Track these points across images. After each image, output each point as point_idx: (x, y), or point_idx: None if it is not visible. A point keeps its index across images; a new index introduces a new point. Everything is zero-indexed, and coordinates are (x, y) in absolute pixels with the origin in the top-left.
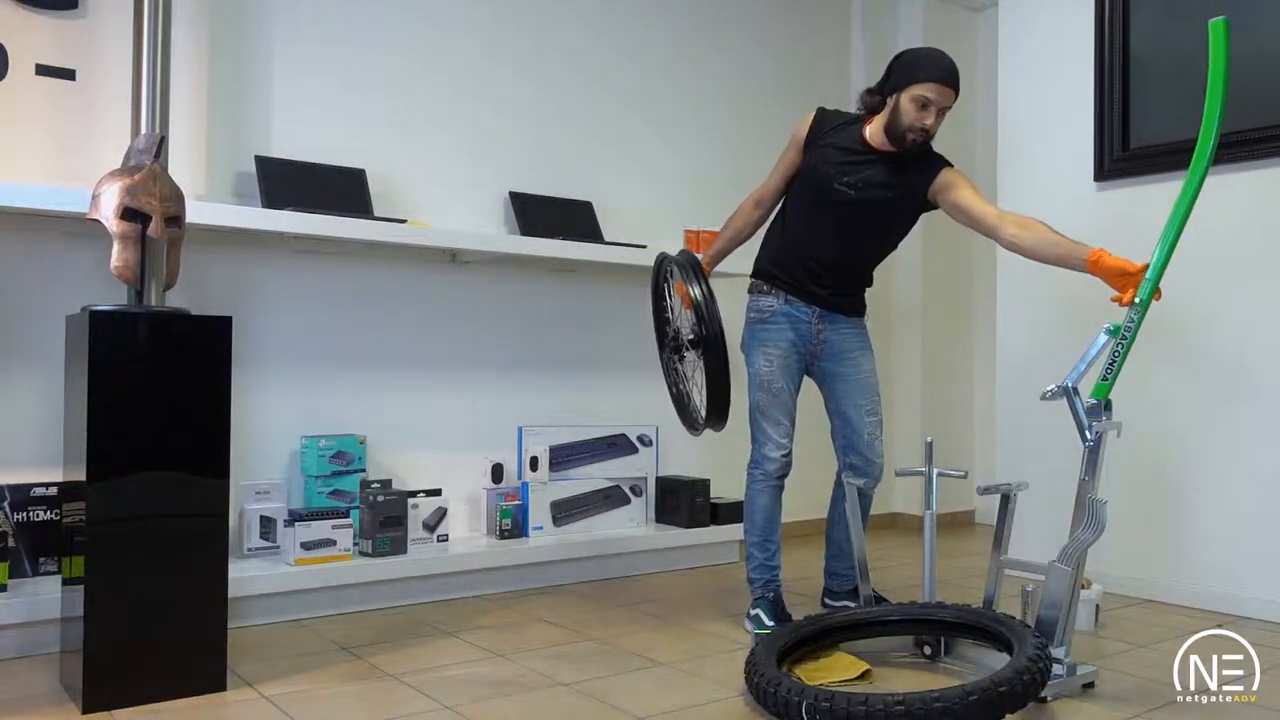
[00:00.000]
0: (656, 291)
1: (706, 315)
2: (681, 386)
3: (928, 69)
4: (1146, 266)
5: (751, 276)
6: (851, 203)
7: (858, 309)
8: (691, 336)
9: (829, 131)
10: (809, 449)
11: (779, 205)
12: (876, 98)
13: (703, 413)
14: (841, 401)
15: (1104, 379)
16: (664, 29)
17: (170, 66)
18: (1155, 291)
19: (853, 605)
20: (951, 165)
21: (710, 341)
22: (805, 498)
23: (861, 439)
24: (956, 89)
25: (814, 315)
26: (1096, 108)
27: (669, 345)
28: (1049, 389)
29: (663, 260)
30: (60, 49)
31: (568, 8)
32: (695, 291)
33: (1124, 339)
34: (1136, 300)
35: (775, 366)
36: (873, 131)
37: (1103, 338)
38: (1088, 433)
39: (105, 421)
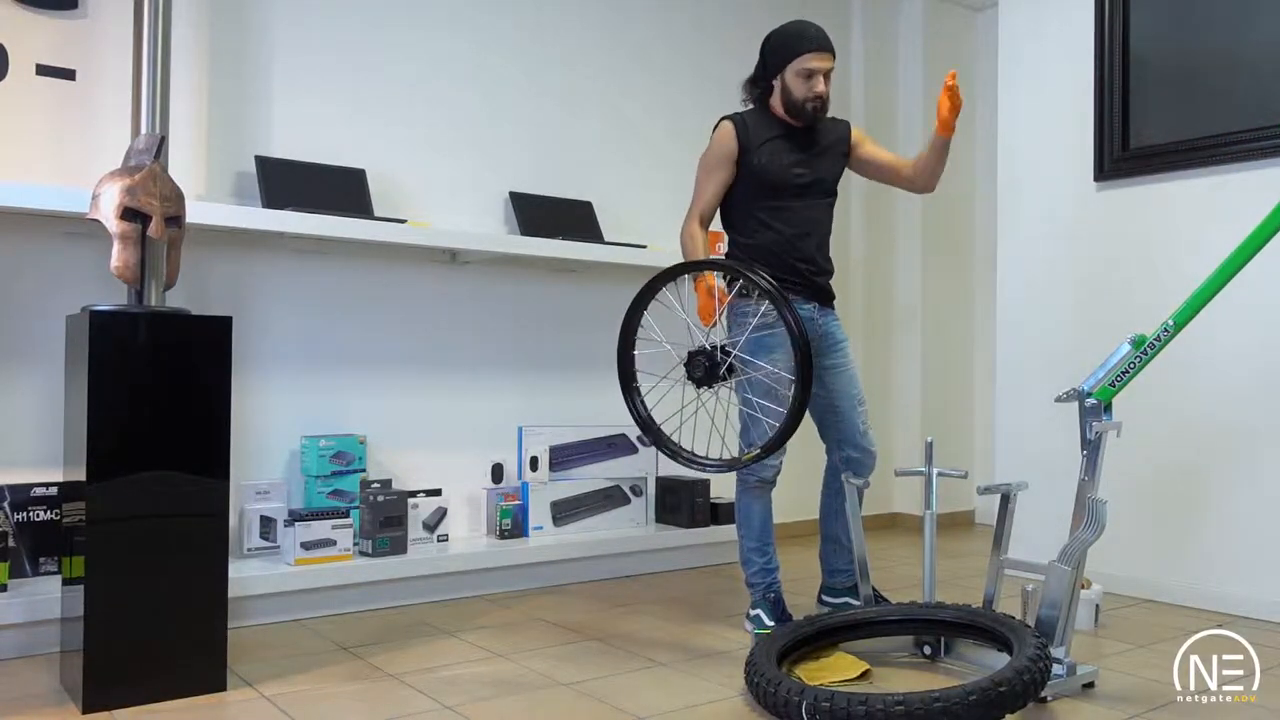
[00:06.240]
0: (638, 299)
1: (795, 324)
2: (676, 446)
3: (802, 42)
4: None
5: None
6: (810, 184)
7: (833, 294)
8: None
9: (753, 131)
10: (803, 449)
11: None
12: (760, 86)
13: (750, 453)
14: (834, 395)
15: (1111, 385)
16: (664, 29)
17: (170, 66)
18: (1192, 317)
19: (854, 602)
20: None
21: (807, 355)
22: (801, 498)
23: (857, 431)
24: (833, 51)
25: (815, 311)
26: (1096, 108)
27: (698, 372)
28: (1064, 391)
29: (681, 267)
30: (60, 49)
31: (568, 8)
32: (765, 282)
33: (1145, 354)
34: (1170, 322)
35: (784, 372)
36: (779, 112)
37: (1126, 348)
38: (1088, 434)
39: (105, 421)
